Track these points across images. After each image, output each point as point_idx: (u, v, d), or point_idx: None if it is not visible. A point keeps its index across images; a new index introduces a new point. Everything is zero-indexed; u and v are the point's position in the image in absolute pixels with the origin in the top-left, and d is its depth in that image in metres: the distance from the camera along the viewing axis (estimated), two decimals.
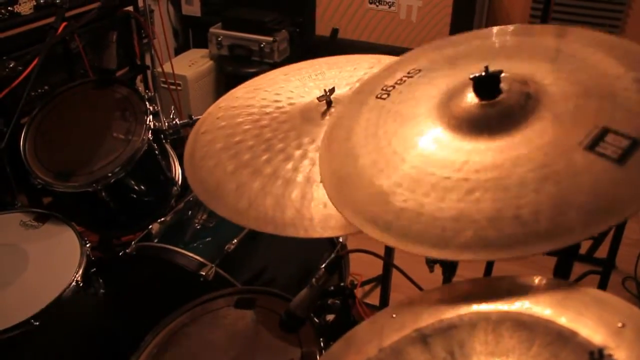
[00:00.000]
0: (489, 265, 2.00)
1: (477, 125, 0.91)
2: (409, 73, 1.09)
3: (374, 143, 0.98)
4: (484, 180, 0.84)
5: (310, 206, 1.07)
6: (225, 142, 1.26)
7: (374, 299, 2.36)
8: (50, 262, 1.64)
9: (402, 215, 0.85)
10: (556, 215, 0.77)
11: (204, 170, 1.21)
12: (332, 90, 1.28)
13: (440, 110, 0.97)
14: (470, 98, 0.94)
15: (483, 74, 0.90)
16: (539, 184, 0.81)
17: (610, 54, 0.94)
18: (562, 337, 0.73)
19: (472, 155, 0.88)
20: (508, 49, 1.06)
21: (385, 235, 0.84)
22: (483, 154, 0.88)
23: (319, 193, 1.08)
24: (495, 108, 0.91)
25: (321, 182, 0.99)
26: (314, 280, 1.12)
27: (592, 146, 0.80)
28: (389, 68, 1.17)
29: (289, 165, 1.16)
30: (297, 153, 1.18)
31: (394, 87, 1.08)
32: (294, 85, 1.43)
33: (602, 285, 2.15)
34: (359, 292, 2.43)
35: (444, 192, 0.85)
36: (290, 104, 1.36)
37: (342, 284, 1.18)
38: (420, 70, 1.09)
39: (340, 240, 1.84)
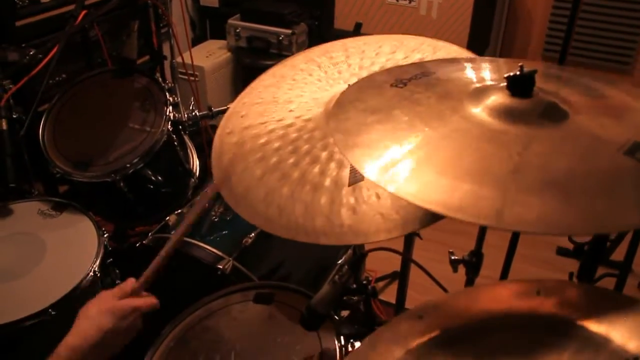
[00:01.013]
0: (506, 267, 1.98)
1: (513, 116, 0.91)
2: (420, 74, 1.08)
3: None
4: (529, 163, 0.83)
5: (340, 212, 1.05)
6: (251, 144, 1.24)
7: (388, 295, 2.35)
8: (68, 251, 1.64)
9: None
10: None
11: (234, 175, 1.19)
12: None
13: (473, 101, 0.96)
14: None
15: (518, 73, 0.89)
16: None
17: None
18: (594, 344, 0.72)
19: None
20: None
21: None
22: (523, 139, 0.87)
23: (348, 198, 1.07)
24: (529, 104, 0.91)
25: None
26: (336, 277, 1.11)
27: (631, 152, 0.79)
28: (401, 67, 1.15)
29: (316, 169, 1.14)
30: (324, 155, 1.16)
31: (409, 80, 1.07)
32: (316, 77, 1.40)
33: (618, 289, 2.13)
34: None
35: None
36: (313, 98, 1.34)
37: (364, 282, 1.17)
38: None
39: None
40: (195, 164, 2.06)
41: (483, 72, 1.10)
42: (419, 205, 0.80)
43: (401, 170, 0.85)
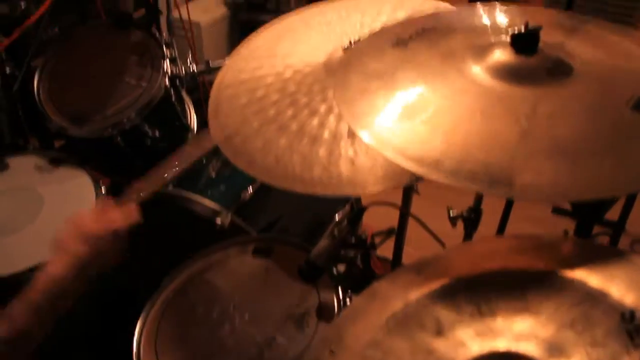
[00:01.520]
0: (502, 225, 2.00)
1: (518, 76, 0.90)
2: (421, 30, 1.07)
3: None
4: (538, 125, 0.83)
5: (338, 163, 1.05)
6: (249, 97, 1.24)
7: (384, 251, 2.37)
8: (65, 205, 1.64)
9: None
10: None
11: (230, 127, 1.19)
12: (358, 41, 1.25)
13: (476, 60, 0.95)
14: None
15: (522, 30, 0.88)
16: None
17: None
18: (592, 298, 0.73)
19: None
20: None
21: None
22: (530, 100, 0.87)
23: (346, 150, 1.07)
24: (534, 62, 0.90)
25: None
26: (335, 231, 1.12)
27: (637, 107, 0.79)
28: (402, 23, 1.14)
29: (315, 121, 1.13)
30: (322, 108, 1.16)
31: (410, 38, 1.05)
32: (316, 31, 1.39)
33: None
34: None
35: None
36: (312, 52, 1.33)
37: (363, 236, 1.18)
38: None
39: None
40: (193, 119, 2.05)
41: (489, 18, 1.08)
42: (428, 177, 0.80)
43: (406, 137, 0.85)
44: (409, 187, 1.43)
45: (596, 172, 0.76)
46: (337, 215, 1.22)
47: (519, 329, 0.75)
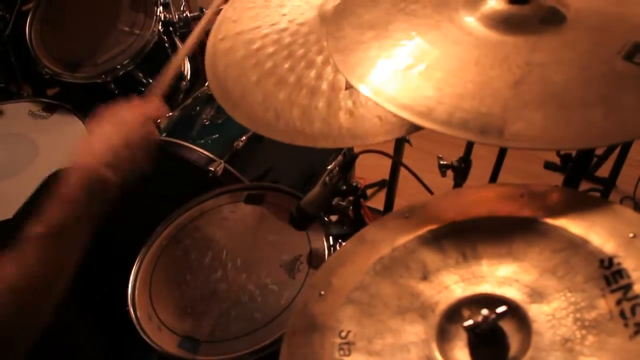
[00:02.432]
0: (493, 179, 2.01)
1: (511, 24, 0.90)
2: None
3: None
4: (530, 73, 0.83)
5: (338, 115, 1.06)
6: (245, 50, 1.23)
7: (376, 202, 2.39)
8: (59, 152, 1.64)
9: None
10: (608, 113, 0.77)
11: (229, 81, 1.19)
12: None
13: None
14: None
15: None
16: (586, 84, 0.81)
17: None
18: (573, 245, 0.75)
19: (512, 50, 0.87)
20: None
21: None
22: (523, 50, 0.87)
23: (345, 101, 1.07)
24: (528, 10, 0.90)
25: None
26: (327, 178, 1.13)
27: (629, 56, 0.79)
28: None
29: (312, 73, 1.13)
30: (319, 59, 1.15)
31: None
32: None
33: None
34: None
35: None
36: (306, 1, 1.31)
37: (354, 184, 1.19)
38: None
39: None
40: (187, 66, 2.04)
41: None
42: (421, 125, 0.81)
43: (400, 87, 0.85)
44: (402, 137, 1.43)
45: (587, 122, 0.77)
46: (329, 166, 1.24)
47: (502, 274, 0.77)
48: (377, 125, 1.04)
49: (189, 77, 2.03)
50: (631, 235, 0.72)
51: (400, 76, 0.87)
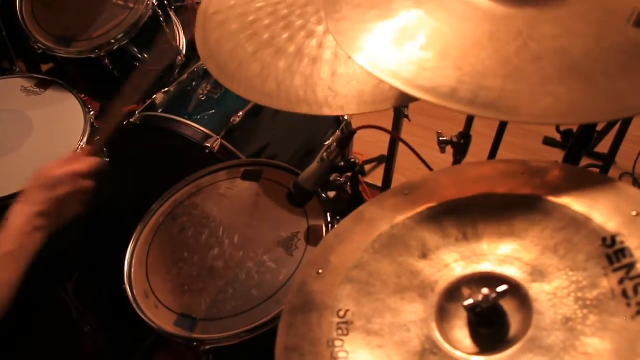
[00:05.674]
0: (492, 155, 2.00)
1: None
2: None
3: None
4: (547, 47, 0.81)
5: (342, 83, 1.04)
6: (240, 22, 1.21)
7: (374, 179, 2.38)
8: (54, 129, 1.63)
9: None
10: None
11: (223, 54, 1.17)
12: None
13: None
14: None
15: None
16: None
17: None
18: (576, 223, 0.73)
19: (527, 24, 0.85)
20: None
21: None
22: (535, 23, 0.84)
23: (349, 69, 1.05)
24: None
25: None
26: (325, 154, 1.12)
27: (639, 24, 0.77)
28: None
29: (313, 42, 1.12)
30: (319, 29, 1.13)
31: None
32: None
33: None
34: None
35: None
36: None
37: (352, 160, 1.17)
38: None
39: (345, 118, 1.82)
40: (182, 40, 2.01)
41: None
42: (441, 104, 0.78)
43: (417, 69, 0.82)
44: (400, 112, 1.42)
45: (614, 93, 0.75)
46: (327, 142, 1.22)
47: (503, 252, 0.76)
48: (379, 92, 1.02)
49: (184, 51, 2.00)
50: (634, 213, 0.71)
51: (417, 58, 0.84)
